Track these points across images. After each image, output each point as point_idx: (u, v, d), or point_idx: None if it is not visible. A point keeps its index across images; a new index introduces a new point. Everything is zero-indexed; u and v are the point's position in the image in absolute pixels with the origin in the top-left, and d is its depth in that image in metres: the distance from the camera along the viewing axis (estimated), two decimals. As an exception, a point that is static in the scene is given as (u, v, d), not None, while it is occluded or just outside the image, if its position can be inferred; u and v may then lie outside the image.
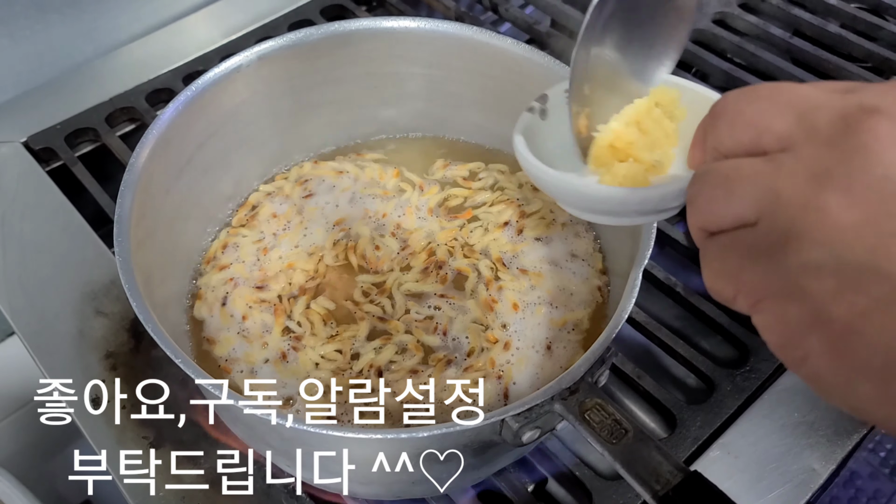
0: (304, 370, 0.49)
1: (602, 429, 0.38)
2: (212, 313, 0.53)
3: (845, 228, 0.24)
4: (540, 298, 0.53)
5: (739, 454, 0.50)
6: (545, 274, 0.54)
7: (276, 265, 0.55)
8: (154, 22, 0.80)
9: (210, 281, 0.54)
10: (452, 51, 0.56)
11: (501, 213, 0.57)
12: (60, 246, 0.61)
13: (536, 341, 0.51)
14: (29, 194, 0.65)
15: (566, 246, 0.56)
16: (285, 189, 0.59)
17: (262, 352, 0.50)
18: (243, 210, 0.58)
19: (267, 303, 0.53)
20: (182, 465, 0.50)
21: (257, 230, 0.57)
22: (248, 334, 0.51)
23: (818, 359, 0.25)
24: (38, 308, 0.57)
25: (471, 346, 0.50)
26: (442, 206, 0.59)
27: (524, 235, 0.56)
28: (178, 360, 0.39)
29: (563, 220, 0.57)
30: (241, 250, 0.56)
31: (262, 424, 0.42)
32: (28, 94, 0.73)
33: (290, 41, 0.54)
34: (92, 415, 0.52)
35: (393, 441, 0.38)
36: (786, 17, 0.80)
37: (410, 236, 0.56)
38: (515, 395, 0.48)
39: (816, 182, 0.25)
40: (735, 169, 0.28)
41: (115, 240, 0.43)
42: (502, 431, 0.39)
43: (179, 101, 0.50)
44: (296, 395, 0.48)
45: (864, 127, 0.25)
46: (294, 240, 0.56)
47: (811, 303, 0.25)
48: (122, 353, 0.55)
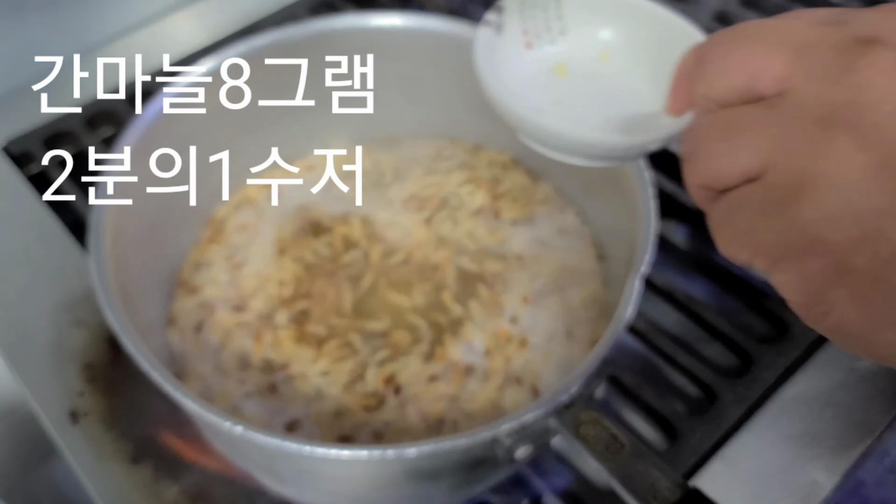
0: (302, 394, 0.47)
1: (598, 444, 0.37)
2: (184, 341, 0.50)
3: (860, 172, 0.22)
4: (546, 285, 0.51)
5: (741, 466, 0.48)
6: (542, 257, 0.52)
7: (251, 282, 0.52)
8: (137, 21, 0.78)
9: (184, 305, 0.51)
10: (441, 48, 0.54)
11: (472, 196, 0.55)
12: (38, 253, 0.59)
13: (555, 332, 0.50)
14: (7, 200, 0.63)
15: (551, 223, 0.55)
16: (250, 194, 0.57)
17: (239, 387, 0.48)
18: (210, 227, 0.56)
19: (247, 326, 0.50)
20: (162, 480, 0.48)
21: (227, 245, 0.54)
22: (225, 366, 0.48)
23: (843, 311, 0.24)
24: (14, 318, 0.55)
25: (486, 347, 0.49)
26: (414, 198, 0.57)
27: (502, 220, 0.54)
28: (154, 375, 0.37)
29: (539, 196, 0.56)
30: (213, 269, 0.53)
31: (243, 443, 0.40)
32: (6, 96, 0.71)
33: (274, 39, 0.52)
34: (69, 428, 0.50)
35: (381, 459, 0.36)
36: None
37: (386, 233, 0.54)
38: (546, 388, 0.47)
39: (823, 126, 0.23)
40: (734, 118, 0.26)
41: (90, 249, 0.42)
42: (495, 448, 0.38)
43: (159, 104, 0.48)
44: (303, 417, 0.46)
45: (865, 61, 0.23)
46: (262, 249, 0.54)
47: (832, 255, 0.23)
48: (101, 364, 0.53)
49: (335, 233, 0.54)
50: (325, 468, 0.41)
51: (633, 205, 0.45)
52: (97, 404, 0.51)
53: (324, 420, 0.46)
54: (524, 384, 0.48)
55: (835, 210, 0.23)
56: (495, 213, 0.55)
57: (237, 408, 0.47)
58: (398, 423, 0.46)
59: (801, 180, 0.23)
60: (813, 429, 0.50)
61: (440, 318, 0.50)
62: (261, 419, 0.46)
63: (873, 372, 0.52)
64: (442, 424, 0.46)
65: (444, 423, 0.46)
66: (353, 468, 0.40)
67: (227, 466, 0.48)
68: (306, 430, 0.46)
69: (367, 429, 0.46)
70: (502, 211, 0.55)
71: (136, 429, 0.50)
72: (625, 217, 0.47)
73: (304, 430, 0.46)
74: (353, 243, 0.54)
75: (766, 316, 0.55)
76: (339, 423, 0.46)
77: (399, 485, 0.41)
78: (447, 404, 0.47)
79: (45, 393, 0.51)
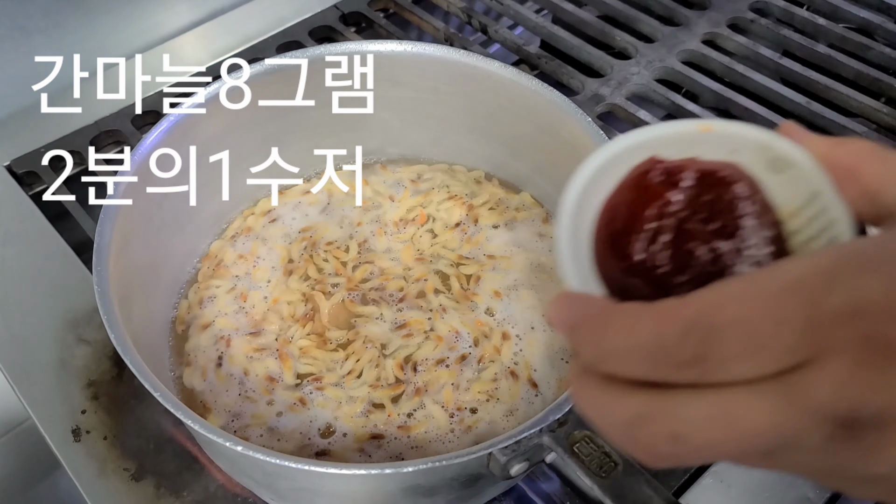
0: (333, 399, 0.48)
1: (591, 462, 0.37)
2: (205, 378, 0.49)
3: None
4: (517, 281, 0.53)
5: (732, 483, 0.49)
6: (513, 256, 0.55)
7: (262, 306, 0.53)
8: (140, 44, 0.79)
9: (199, 343, 0.51)
10: (440, 74, 0.56)
11: (451, 212, 0.58)
12: (42, 272, 0.60)
13: (533, 322, 0.52)
14: (11, 219, 0.64)
15: (531, 228, 0.57)
16: (247, 223, 0.58)
17: (270, 408, 0.48)
18: (206, 262, 0.56)
19: (266, 350, 0.50)
20: (164, 497, 0.49)
21: (228, 278, 0.54)
22: (253, 393, 0.48)
23: None
24: (18, 336, 0.56)
25: (474, 337, 0.51)
26: (402, 220, 0.58)
27: (480, 225, 0.57)
28: (157, 394, 0.38)
29: (515, 204, 0.58)
30: (218, 302, 0.53)
31: (242, 459, 0.41)
32: (12, 116, 0.72)
33: (276, 65, 0.54)
34: (72, 446, 0.50)
35: (377, 476, 0.37)
36: (775, 37, 0.80)
37: (377, 259, 0.56)
38: (543, 379, 0.49)
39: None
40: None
41: (94, 269, 0.43)
42: (490, 465, 0.38)
43: (162, 127, 0.50)
44: (333, 420, 0.47)
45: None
46: (266, 273, 0.55)
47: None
48: (105, 381, 0.53)
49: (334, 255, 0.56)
50: (324, 485, 0.42)
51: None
52: (100, 422, 0.51)
53: (356, 420, 0.47)
54: (520, 378, 0.49)
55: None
56: (474, 219, 0.58)
57: (273, 428, 0.47)
58: (420, 414, 0.48)
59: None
60: (803, 445, 0.50)
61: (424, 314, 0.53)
62: (296, 433, 0.47)
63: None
64: (461, 413, 0.48)
65: (462, 411, 0.48)
66: (352, 485, 0.41)
67: (229, 483, 0.49)
68: (341, 431, 0.47)
69: (393, 425, 0.47)
70: (480, 218, 0.58)
71: (138, 446, 0.50)
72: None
73: (339, 432, 0.47)
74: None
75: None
76: (370, 421, 0.47)
77: (397, 501, 0.42)
78: (458, 395, 0.48)
79: (48, 410, 0.52)
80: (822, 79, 0.74)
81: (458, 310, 0.52)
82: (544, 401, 0.48)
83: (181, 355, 0.51)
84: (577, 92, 0.74)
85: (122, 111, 0.71)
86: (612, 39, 0.80)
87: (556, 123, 0.52)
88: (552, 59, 0.77)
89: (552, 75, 0.76)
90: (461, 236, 0.57)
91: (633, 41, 0.79)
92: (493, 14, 0.87)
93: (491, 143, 0.59)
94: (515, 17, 0.84)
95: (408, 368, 0.50)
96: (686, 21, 0.81)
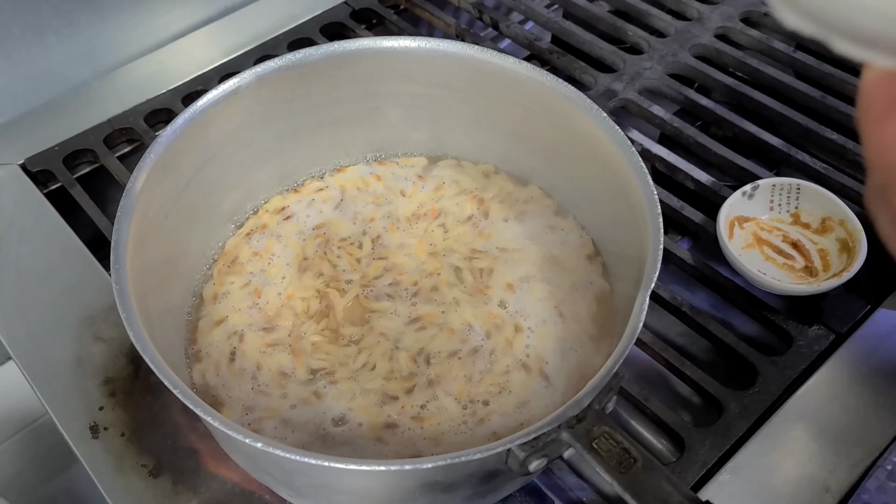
0: (346, 391, 0.49)
1: (611, 458, 0.37)
2: (218, 373, 0.50)
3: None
4: (529, 273, 0.54)
5: (750, 478, 0.49)
6: (525, 248, 0.55)
7: (276, 302, 0.53)
8: (152, 42, 0.79)
9: (212, 339, 0.51)
10: (453, 70, 0.55)
11: (462, 207, 0.58)
12: (58, 270, 0.60)
13: (545, 314, 0.52)
14: (26, 217, 0.64)
15: (542, 220, 0.57)
16: (262, 220, 0.58)
17: (283, 401, 0.48)
18: (222, 259, 0.56)
19: (278, 345, 0.51)
20: (181, 493, 0.49)
21: (243, 275, 0.55)
22: (266, 387, 0.49)
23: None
24: (35, 334, 0.56)
25: (486, 329, 0.51)
26: (414, 215, 0.59)
27: (491, 218, 0.57)
28: (176, 391, 0.38)
29: (524, 197, 0.59)
30: (232, 298, 0.53)
31: (261, 455, 0.41)
32: (26, 115, 0.72)
33: (290, 62, 0.53)
34: (90, 442, 0.51)
35: (397, 472, 0.37)
36: (788, 30, 0.79)
37: (391, 255, 0.56)
38: (554, 371, 0.49)
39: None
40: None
41: (111, 267, 0.43)
42: (508, 460, 0.38)
43: (177, 124, 0.49)
44: (347, 412, 0.47)
45: None
46: (280, 270, 0.55)
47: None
48: (121, 378, 0.54)
49: (347, 251, 0.56)
50: (342, 481, 0.42)
51: (634, 211, 0.47)
52: (117, 418, 0.52)
53: (371, 411, 0.47)
54: (532, 370, 0.49)
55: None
56: (485, 213, 0.58)
57: (287, 420, 0.47)
58: (433, 405, 0.48)
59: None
60: (820, 439, 0.50)
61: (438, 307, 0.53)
62: (311, 424, 0.47)
63: (877, 383, 0.53)
64: (473, 405, 0.48)
65: (475, 402, 0.48)
66: (371, 481, 0.41)
67: (246, 480, 0.49)
68: (356, 421, 0.47)
69: (407, 416, 0.47)
70: (491, 212, 0.58)
71: (155, 442, 0.51)
72: (619, 218, 0.50)
73: (354, 422, 0.47)
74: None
75: (772, 328, 0.56)
76: (383, 412, 0.47)
77: (415, 497, 0.42)
78: (471, 387, 0.48)
79: (66, 407, 0.52)
80: (837, 72, 0.73)
81: (472, 303, 0.53)
82: (555, 393, 0.48)
83: (195, 350, 0.52)
84: (589, 87, 0.74)
85: (135, 109, 0.71)
86: (625, 34, 0.79)
87: (571, 118, 0.52)
88: (564, 55, 0.77)
89: (564, 70, 0.76)
90: (473, 230, 0.57)
91: (645, 36, 0.78)
92: (503, 9, 0.87)
93: (502, 137, 0.59)
94: (526, 13, 0.84)
95: (420, 360, 0.50)
96: (698, 15, 0.81)
